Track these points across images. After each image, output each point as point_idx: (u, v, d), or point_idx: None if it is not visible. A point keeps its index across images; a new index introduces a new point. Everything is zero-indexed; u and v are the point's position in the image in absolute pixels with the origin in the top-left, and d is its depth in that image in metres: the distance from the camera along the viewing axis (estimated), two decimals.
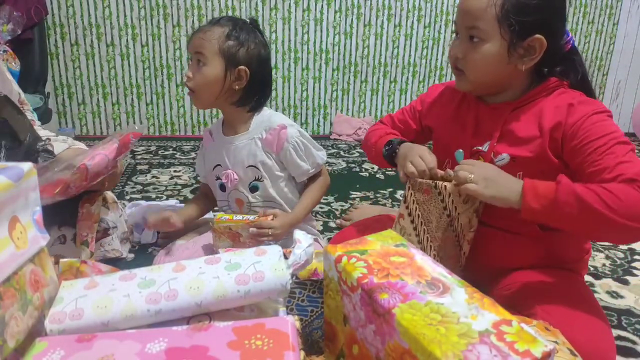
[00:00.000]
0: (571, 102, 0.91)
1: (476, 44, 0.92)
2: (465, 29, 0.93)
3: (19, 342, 0.58)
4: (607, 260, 1.39)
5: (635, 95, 3.08)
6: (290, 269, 0.69)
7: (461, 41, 0.95)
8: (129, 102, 2.72)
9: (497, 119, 0.98)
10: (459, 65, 0.96)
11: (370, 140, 1.17)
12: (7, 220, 0.58)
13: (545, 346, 0.49)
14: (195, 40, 1.15)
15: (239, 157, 1.19)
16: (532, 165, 0.93)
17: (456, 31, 0.97)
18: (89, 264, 0.78)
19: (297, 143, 1.17)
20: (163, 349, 0.55)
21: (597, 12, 2.88)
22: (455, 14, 0.97)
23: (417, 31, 2.80)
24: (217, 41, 1.12)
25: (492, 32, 0.90)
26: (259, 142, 1.18)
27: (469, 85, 0.98)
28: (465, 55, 0.94)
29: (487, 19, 0.90)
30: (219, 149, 1.22)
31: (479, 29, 0.91)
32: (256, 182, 1.20)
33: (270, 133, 1.16)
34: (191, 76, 1.14)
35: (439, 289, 0.58)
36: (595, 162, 0.84)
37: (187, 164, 2.28)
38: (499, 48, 0.91)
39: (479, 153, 0.99)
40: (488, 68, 0.93)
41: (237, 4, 2.63)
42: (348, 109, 2.90)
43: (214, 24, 1.15)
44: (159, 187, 1.96)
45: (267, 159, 1.18)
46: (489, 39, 0.91)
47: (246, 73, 1.14)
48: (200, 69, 1.13)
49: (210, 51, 1.12)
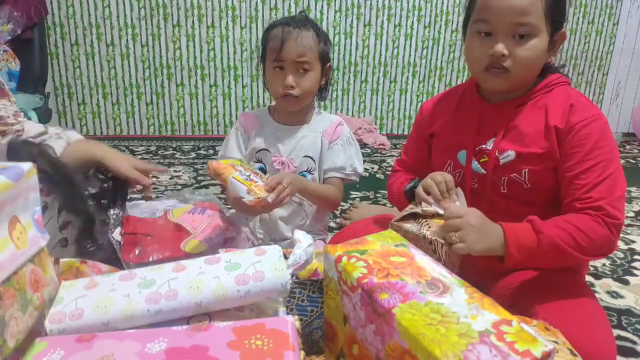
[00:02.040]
0: (572, 102, 0.92)
1: (524, 41, 0.89)
2: (510, 25, 0.89)
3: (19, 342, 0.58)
4: (607, 260, 1.39)
5: (635, 95, 3.08)
6: (290, 269, 0.69)
7: (503, 39, 0.90)
8: (129, 102, 2.72)
9: (501, 116, 0.97)
10: (505, 63, 0.91)
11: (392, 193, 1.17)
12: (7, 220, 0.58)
13: (545, 346, 0.49)
14: (292, 49, 1.14)
15: (299, 147, 1.24)
16: (537, 161, 0.94)
17: (485, 31, 0.91)
18: (89, 263, 0.78)
19: (347, 141, 1.26)
20: (163, 349, 0.55)
21: (597, 12, 2.88)
22: (486, 12, 0.90)
23: (417, 31, 2.80)
24: (316, 47, 1.17)
25: (540, 26, 0.89)
26: (319, 135, 1.25)
27: (509, 83, 0.94)
28: (514, 53, 0.90)
29: (537, 13, 0.88)
30: (271, 135, 1.25)
31: (530, 24, 0.88)
32: (306, 172, 1.24)
33: (330, 126, 1.25)
34: (295, 85, 1.16)
35: (439, 288, 0.58)
36: (579, 175, 0.89)
37: (187, 163, 2.28)
38: (544, 43, 0.90)
39: (483, 151, 0.99)
40: (536, 63, 0.92)
41: (237, 4, 2.63)
42: (348, 109, 2.90)
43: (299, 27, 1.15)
44: (159, 187, 1.96)
45: (322, 152, 1.25)
46: (537, 33, 0.89)
47: (330, 68, 1.23)
48: (305, 76, 1.17)
49: (312, 57, 1.16)
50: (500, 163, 0.97)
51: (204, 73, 2.72)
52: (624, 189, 0.89)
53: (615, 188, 0.87)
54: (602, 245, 0.88)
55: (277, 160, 1.23)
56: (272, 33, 1.17)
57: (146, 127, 2.78)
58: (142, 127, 2.78)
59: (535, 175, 0.94)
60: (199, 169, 2.21)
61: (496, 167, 0.97)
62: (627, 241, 1.54)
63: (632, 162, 2.55)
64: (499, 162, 0.97)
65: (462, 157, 1.03)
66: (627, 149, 2.82)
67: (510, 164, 0.95)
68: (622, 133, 3.04)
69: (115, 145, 2.56)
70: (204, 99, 2.77)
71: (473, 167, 1.01)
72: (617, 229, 0.87)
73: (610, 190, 0.87)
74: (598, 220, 0.86)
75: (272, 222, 1.26)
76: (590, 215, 0.86)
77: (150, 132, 2.79)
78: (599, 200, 0.86)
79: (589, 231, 0.85)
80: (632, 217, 1.75)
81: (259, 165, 1.26)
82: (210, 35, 2.66)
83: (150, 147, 2.56)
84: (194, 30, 2.64)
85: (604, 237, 0.86)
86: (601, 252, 0.91)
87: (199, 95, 2.76)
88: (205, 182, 2.03)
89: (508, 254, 0.86)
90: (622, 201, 0.88)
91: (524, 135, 0.95)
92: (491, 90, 0.99)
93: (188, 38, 2.65)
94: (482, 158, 0.99)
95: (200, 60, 2.70)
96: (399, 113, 2.96)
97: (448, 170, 1.06)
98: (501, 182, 0.98)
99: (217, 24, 2.65)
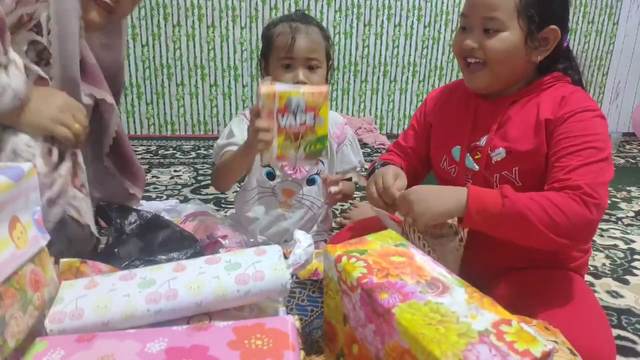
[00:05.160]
0: (564, 94, 0.92)
1: (491, 34, 0.91)
2: (480, 19, 0.92)
3: (19, 342, 0.58)
4: (607, 260, 1.39)
5: (635, 95, 3.08)
6: (290, 269, 0.69)
7: (474, 33, 0.93)
8: (129, 101, 2.72)
9: (495, 113, 0.97)
10: (476, 55, 0.93)
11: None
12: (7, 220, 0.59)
13: (545, 346, 0.49)
14: (304, 45, 1.12)
15: None
16: (526, 160, 0.93)
17: (463, 25, 0.95)
18: (89, 263, 0.78)
19: (352, 141, 1.28)
20: (163, 349, 0.55)
21: (597, 12, 2.88)
22: (465, 7, 0.94)
23: (417, 31, 2.80)
24: (324, 43, 1.16)
25: (509, 22, 0.90)
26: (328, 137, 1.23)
27: (488, 79, 0.95)
28: (482, 45, 0.92)
29: (506, 9, 0.89)
30: None
31: (497, 19, 0.90)
32: (316, 175, 1.24)
33: (338, 127, 1.26)
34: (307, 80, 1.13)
35: (439, 288, 0.59)
36: (561, 158, 0.86)
37: (187, 163, 2.28)
38: (516, 38, 0.91)
39: (477, 148, 0.99)
40: (508, 58, 0.92)
41: (237, 4, 2.63)
42: (348, 108, 2.90)
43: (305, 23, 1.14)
44: (159, 187, 1.96)
45: (331, 153, 1.24)
46: (505, 29, 0.90)
47: (332, 66, 1.22)
48: (315, 72, 1.15)
49: (321, 54, 1.15)
50: (492, 160, 0.96)
51: (204, 73, 2.72)
52: (609, 178, 0.85)
53: (599, 175, 0.83)
54: (578, 225, 0.81)
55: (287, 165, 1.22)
56: (278, 29, 1.15)
57: (146, 126, 2.78)
58: (142, 126, 2.78)
59: (525, 174, 0.94)
60: (199, 168, 2.21)
61: (488, 164, 0.97)
62: (627, 241, 1.54)
63: (632, 162, 2.54)
64: (491, 159, 0.97)
65: (456, 153, 1.03)
66: (627, 149, 2.82)
67: (501, 162, 0.95)
68: (622, 133, 3.04)
69: None
70: (204, 99, 2.77)
71: (467, 164, 1.01)
72: (597, 208, 0.81)
73: (593, 176, 0.82)
74: (575, 198, 0.81)
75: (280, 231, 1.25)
76: (567, 194, 0.81)
77: (151, 132, 2.79)
78: (577, 181, 0.82)
79: (564, 207, 0.80)
80: (632, 217, 1.75)
81: (266, 169, 1.23)
82: (210, 35, 2.66)
83: (151, 146, 2.56)
84: (194, 29, 2.64)
85: (581, 216, 0.80)
86: (578, 233, 0.83)
87: (199, 95, 2.76)
88: (205, 182, 2.03)
89: (467, 213, 0.84)
90: (604, 187, 0.84)
91: (515, 133, 0.94)
92: (474, 90, 1.00)
93: (188, 38, 2.65)
94: (475, 155, 0.99)
95: (201, 59, 2.70)
96: (398, 113, 2.96)
97: (444, 165, 1.06)
98: (494, 180, 0.98)
99: (217, 24, 2.65)
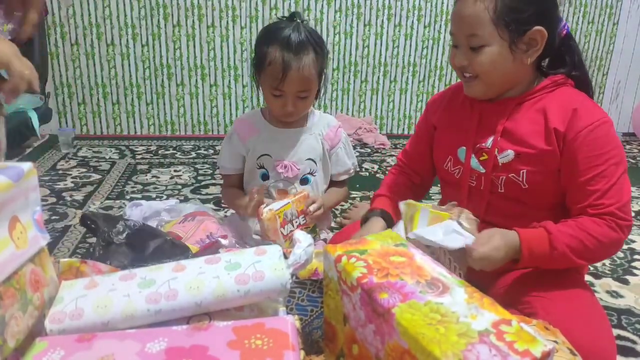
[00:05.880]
0: (576, 106, 0.92)
1: (478, 50, 0.92)
2: (465, 38, 0.93)
3: (19, 342, 0.58)
4: (607, 260, 1.39)
5: (635, 95, 3.08)
6: (290, 269, 0.69)
7: (462, 50, 0.95)
8: (129, 101, 2.72)
9: (500, 115, 0.98)
10: (469, 71, 0.96)
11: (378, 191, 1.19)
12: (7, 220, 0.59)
13: (545, 346, 0.49)
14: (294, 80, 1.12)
15: (300, 150, 1.24)
16: (536, 163, 0.94)
17: (454, 43, 0.97)
18: (89, 263, 0.78)
19: (345, 143, 1.30)
20: (163, 349, 0.55)
21: (597, 12, 2.88)
22: (451, 26, 0.97)
23: (417, 31, 2.80)
24: (316, 68, 1.14)
25: (489, 35, 0.91)
26: (319, 138, 1.26)
27: (483, 88, 0.97)
28: (471, 62, 0.94)
29: (484, 24, 0.90)
30: (269, 139, 1.25)
31: (478, 35, 0.91)
32: (309, 175, 1.26)
33: (331, 130, 1.27)
34: (294, 110, 1.16)
35: (439, 288, 0.58)
36: (590, 181, 0.91)
37: (187, 163, 2.28)
38: (501, 49, 0.91)
39: (483, 150, 0.99)
40: (497, 69, 0.93)
41: (237, 4, 2.63)
42: (348, 108, 2.90)
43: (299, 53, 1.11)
44: (159, 186, 1.96)
45: (324, 154, 1.27)
46: (489, 43, 0.91)
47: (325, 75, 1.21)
48: (305, 100, 1.17)
49: (313, 83, 1.15)
50: (500, 162, 0.97)
51: (204, 73, 2.72)
52: (630, 191, 0.94)
53: (623, 193, 0.92)
54: (612, 250, 0.96)
55: (279, 164, 1.23)
56: (271, 54, 1.12)
57: (146, 126, 2.78)
58: (142, 126, 2.78)
59: (533, 176, 0.94)
60: (199, 168, 2.21)
61: (495, 166, 0.97)
62: (627, 241, 1.54)
63: (632, 162, 2.55)
64: (498, 161, 0.97)
65: (461, 154, 1.03)
66: (627, 149, 2.82)
67: (508, 164, 0.95)
68: (622, 133, 3.04)
69: (116, 145, 2.56)
70: (204, 99, 2.77)
71: (472, 165, 1.01)
72: (628, 229, 0.92)
73: (619, 195, 0.91)
74: (612, 225, 0.90)
75: None
76: (605, 221, 0.90)
77: (151, 132, 2.79)
78: (610, 206, 0.90)
79: (602, 237, 0.89)
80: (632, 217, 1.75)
81: (261, 171, 1.25)
82: (211, 35, 2.66)
83: (151, 146, 2.56)
84: (194, 30, 2.64)
85: (617, 240, 0.91)
86: (608, 255, 1.00)
87: (199, 95, 2.76)
88: (205, 182, 2.03)
89: (522, 260, 0.90)
90: (629, 204, 0.93)
91: (523, 136, 0.95)
92: (473, 97, 1.01)
93: (188, 38, 2.65)
94: (481, 156, 0.99)
95: (201, 59, 2.70)
96: (399, 113, 2.95)
97: (447, 166, 1.06)
98: (499, 182, 0.98)
99: (217, 24, 2.65)
